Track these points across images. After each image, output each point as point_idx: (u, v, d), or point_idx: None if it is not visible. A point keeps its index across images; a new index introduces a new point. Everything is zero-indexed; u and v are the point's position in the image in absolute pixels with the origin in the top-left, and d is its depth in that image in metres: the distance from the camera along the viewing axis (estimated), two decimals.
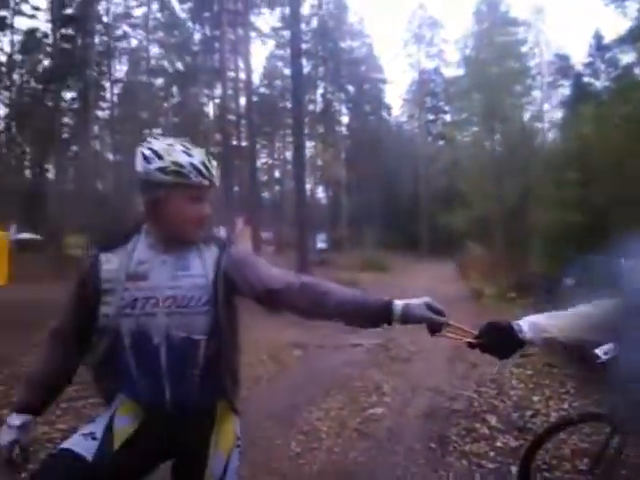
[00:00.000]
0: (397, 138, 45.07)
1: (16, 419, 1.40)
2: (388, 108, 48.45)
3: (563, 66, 33.81)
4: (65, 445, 1.35)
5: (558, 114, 25.63)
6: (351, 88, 44.96)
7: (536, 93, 25.19)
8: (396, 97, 62.77)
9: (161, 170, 1.35)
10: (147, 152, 1.38)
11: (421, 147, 40.33)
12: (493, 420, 4.17)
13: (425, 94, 44.28)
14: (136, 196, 1.53)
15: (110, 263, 1.40)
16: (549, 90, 32.82)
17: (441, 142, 33.34)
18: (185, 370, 1.39)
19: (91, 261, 1.42)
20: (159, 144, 1.39)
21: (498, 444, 3.69)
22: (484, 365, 6.00)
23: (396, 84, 49.47)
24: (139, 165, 1.39)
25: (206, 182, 1.39)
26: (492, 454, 3.52)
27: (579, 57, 40.00)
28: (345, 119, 46.00)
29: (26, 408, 1.43)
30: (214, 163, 1.43)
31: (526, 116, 19.30)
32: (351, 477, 3.22)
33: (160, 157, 1.36)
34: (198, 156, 1.39)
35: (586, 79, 30.79)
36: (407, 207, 39.28)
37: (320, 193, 44.57)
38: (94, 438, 1.36)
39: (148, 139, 1.44)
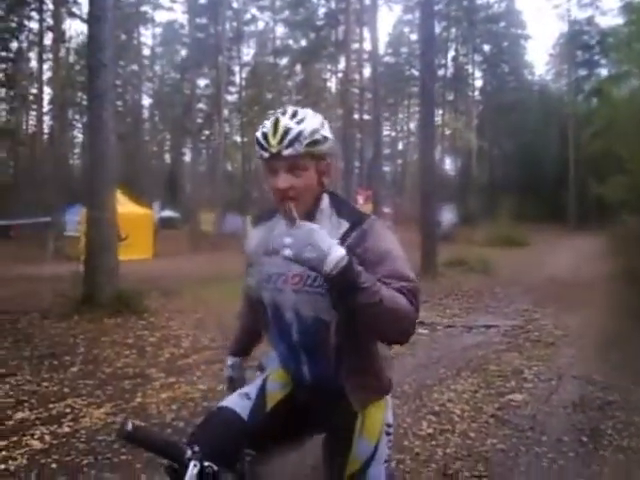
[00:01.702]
0: (541, 99, 40.94)
1: (228, 360, 1.76)
2: (530, 67, 44.62)
3: None
4: (224, 403, 1.45)
5: None
6: (487, 48, 41.84)
7: None
8: (540, 54, 56.90)
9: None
10: None
11: (570, 107, 36.08)
12: None
13: (576, 47, 39.48)
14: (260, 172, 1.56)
15: (255, 238, 1.47)
16: None
17: (595, 100, 29.61)
18: (318, 350, 1.37)
19: (247, 236, 1.54)
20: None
21: None
22: None
23: (540, 40, 45.24)
24: None
25: (265, 154, 1.28)
26: None
27: None
28: (479, 83, 43.28)
29: (233, 352, 1.76)
30: (283, 127, 1.26)
31: None
32: (490, 464, 2.98)
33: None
34: (264, 127, 1.30)
35: None
36: (552, 175, 35.42)
37: (447, 165, 42.71)
38: (249, 398, 1.45)
39: None
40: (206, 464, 1.15)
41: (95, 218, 7.33)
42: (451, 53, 41.38)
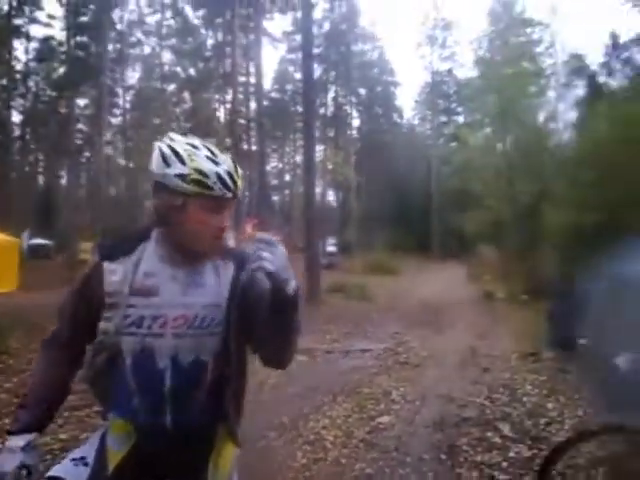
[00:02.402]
0: (409, 140, 44.91)
1: (19, 440, 1.24)
2: (400, 111, 48.61)
3: (578, 66, 33.34)
4: (54, 473, 1.26)
5: (573, 114, 25.34)
6: (362, 91, 45.11)
7: (551, 93, 24.91)
8: (408, 100, 63.00)
9: (181, 177, 1.22)
10: (167, 152, 1.24)
11: (433, 149, 40.13)
12: (506, 429, 4.05)
13: (438, 96, 44.08)
14: (147, 198, 1.41)
15: (114, 274, 1.27)
16: (564, 90, 32.34)
17: (453, 144, 33.12)
18: (189, 394, 1.30)
19: (92, 271, 1.29)
20: (181, 145, 1.26)
21: (511, 454, 3.57)
22: (496, 370, 5.88)
23: (408, 87, 49.54)
24: (156, 165, 1.25)
25: (229, 194, 1.26)
26: (505, 464, 3.41)
27: (594, 57, 39.04)
28: (356, 122, 46.28)
29: (27, 426, 1.27)
30: (240, 172, 1.30)
31: (540, 117, 19.11)
32: None
33: (182, 161, 1.23)
34: (224, 165, 1.25)
35: (601, 79, 30.40)
36: (419, 209, 38.98)
37: (330, 196, 44.56)
38: (85, 464, 1.29)
39: (170, 136, 1.30)
40: None
41: None
42: (331, 94, 43.86)
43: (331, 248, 26.26)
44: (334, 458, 3.55)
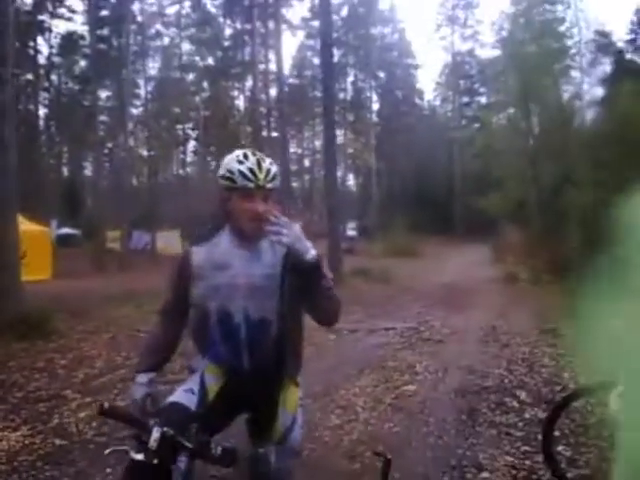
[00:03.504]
0: (430, 123, 44.46)
1: (143, 377, 1.72)
2: (420, 93, 48.06)
3: (604, 43, 32.52)
4: (173, 399, 1.69)
5: (598, 92, 24.76)
6: (382, 74, 44.72)
7: (575, 72, 24.48)
8: (428, 82, 62.36)
9: (221, 177, 1.65)
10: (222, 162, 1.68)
11: (455, 131, 39.68)
12: (522, 395, 4.35)
13: (459, 77, 43.49)
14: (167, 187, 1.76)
15: (199, 255, 1.70)
16: (589, 68, 31.60)
17: (476, 125, 32.83)
18: (260, 344, 1.68)
19: (184, 254, 1.74)
20: (231, 156, 1.66)
21: (527, 415, 3.89)
22: (515, 345, 6.16)
23: (429, 68, 48.95)
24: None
25: (250, 184, 1.59)
26: (521, 424, 3.72)
27: (620, 34, 37.72)
28: (376, 106, 45.95)
29: (149, 367, 1.75)
30: (266, 167, 1.62)
31: (564, 96, 18.91)
32: (386, 444, 3.45)
33: (222, 166, 1.67)
34: (248, 163, 1.61)
35: (628, 56, 29.80)
36: (441, 192, 38.69)
37: (350, 181, 44.70)
38: (193, 393, 1.70)
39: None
40: (165, 429, 1.41)
41: None
42: (350, 78, 43.68)
43: (351, 232, 26.53)
44: (364, 419, 3.90)
